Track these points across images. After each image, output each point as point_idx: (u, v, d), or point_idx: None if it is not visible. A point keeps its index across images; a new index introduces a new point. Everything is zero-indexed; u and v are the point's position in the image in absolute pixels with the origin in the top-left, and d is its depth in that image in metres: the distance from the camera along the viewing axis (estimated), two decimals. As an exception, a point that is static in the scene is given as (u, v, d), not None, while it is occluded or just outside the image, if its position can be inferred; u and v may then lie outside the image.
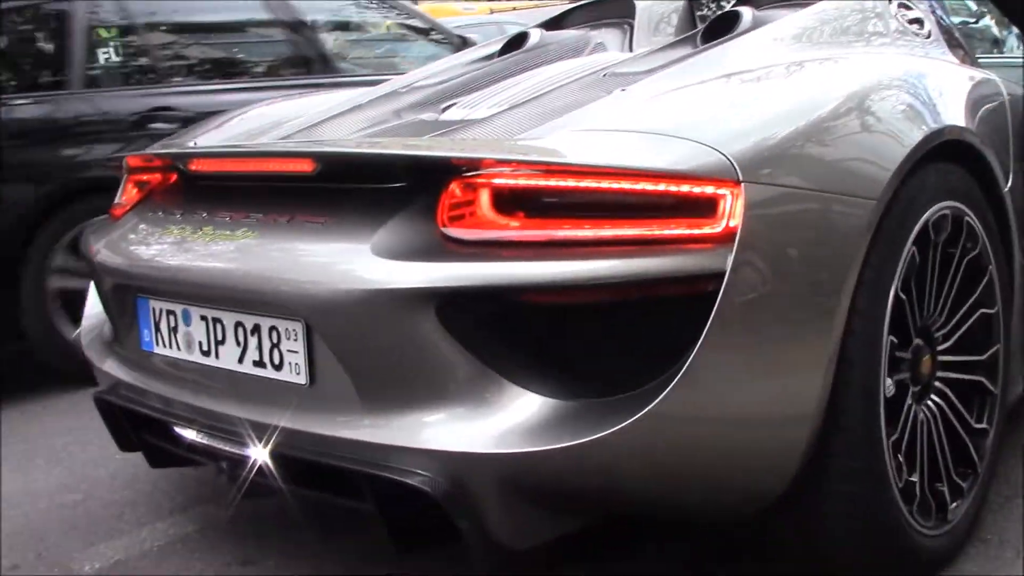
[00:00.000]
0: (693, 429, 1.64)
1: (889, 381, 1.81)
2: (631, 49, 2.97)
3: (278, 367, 1.85)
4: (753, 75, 2.03)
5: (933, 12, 2.67)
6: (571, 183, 1.65)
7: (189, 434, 2.05)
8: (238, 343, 1.92)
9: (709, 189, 1.60)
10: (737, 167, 1.61)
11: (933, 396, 2.02)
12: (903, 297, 1.85)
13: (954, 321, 2.05)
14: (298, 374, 1.82)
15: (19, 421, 3.62)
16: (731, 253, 1.57)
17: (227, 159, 2.18)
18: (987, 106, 2.24)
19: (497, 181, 1.69)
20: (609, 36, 3.10)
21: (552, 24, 3.33)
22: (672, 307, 1.62)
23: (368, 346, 1.72)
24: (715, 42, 2.42)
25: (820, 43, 2.37)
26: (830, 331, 1.69)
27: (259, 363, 1.88)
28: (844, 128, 1.82)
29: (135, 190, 2.38)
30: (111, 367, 2.27)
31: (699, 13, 3.21)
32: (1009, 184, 2.19)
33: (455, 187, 1.72)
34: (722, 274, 1.57)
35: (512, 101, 2.36)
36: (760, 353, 1.66)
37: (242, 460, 1.92)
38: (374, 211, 1.79)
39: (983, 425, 2.11)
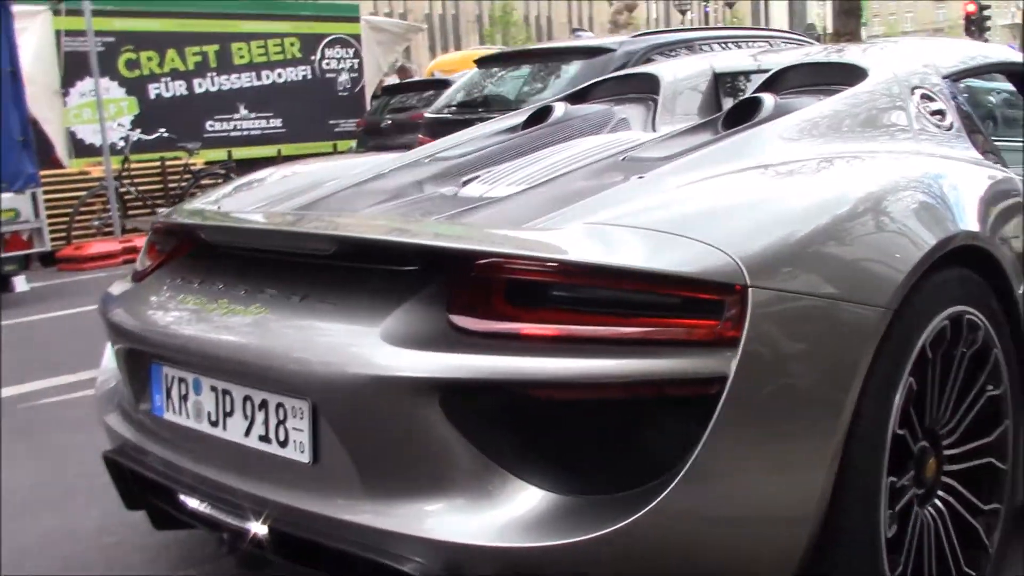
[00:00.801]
0: (695, 528, 1.61)
1: (893, 480, 1.78)
2: (654, 127, 2.96)
3: (283, 444, 1.84)
4: (768, 172, 2.02)
5: (955, 103, 2.64)
6: (579, 280, 1.65)
7: (192, 501, 2.04)
8: (246, 416, 1.91)
9: (715, 292, 1.59)
10: (744, 270, 1.59)
11: (940, 493, 1.97)
12: (908, 400, 1.81)
13: (960, 413, 2.00)
14: (302, 452, 1.80)
15: (59, 459, 3.61)
16: (735, 357, 1.56)
17: (244, 233, 2.19)
18: (1004, 207, 2.19)
19: (506, 274, 1.68)
20: (633, 112, 3.08)
21: (577, 97, 3.32)
22: (676, 406, 1.60)
23: (372, 431, 1.71)
24: (734, 130, 2.41)
25: (840, 136, 2.34)
26: (833, 435, 1.66)
27: (265, 438, 1.87)
28: (856, 232, 1.80)
29: (156, 254, 2.39)
30: (121, 427, 2.26)
31: (726, 90, 3.19)
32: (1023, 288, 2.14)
33: (465, 277, 1.71)
34: (726, 377, 1.55)
35: (531, 181, 2.36)
36: (762, 455, 1.63)
37: (242, 532, 1.90)
38: (385, 295, 1.78)
39: (994, 505, 2.05)
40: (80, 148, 10.90)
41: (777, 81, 2.83)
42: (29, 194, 7.80)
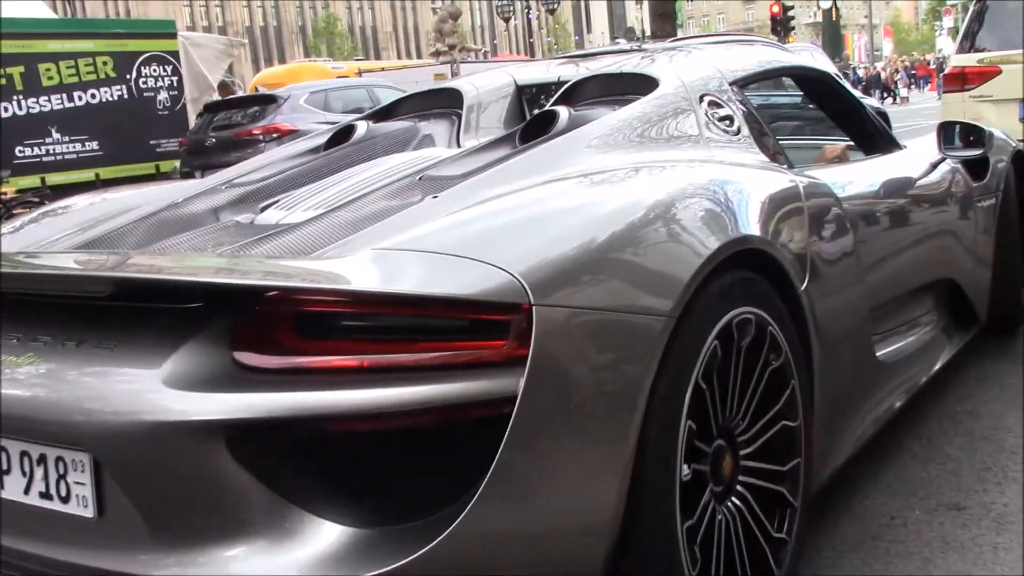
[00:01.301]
0: (495, 549, 1.59)
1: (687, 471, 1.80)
2: (458, 142, 2.92)
3: (65, 499, 1.71)
4: (555, 187, 2.02)
5: (743, 108, 2.72)
6: (365, 309, 1.61)
7: None
8: (24, 473, 1.76)
9: (500, 312, 1.57)
10: (528, 289, 1.58)
11: (735, 499, 2.00)
12: (697, 411, 1.83)
13: (756, 428, 2.05)
14: (86, 507, 1.68)
15: None
16: (523, 375, 1.54)
17: (12, 278, 1.98)
18: (784, 210, 2.25)
19: (290, 307, 1.61)
20: (438, 128, 3.04)
21: (381, 115, 3.27)
22: (470, 429, 1.57)
23: (157, 479, 1.61)
24: (528, 145, 2.41)
25: (629, 146, 2.39)
26: (625, 444, 1.67)
27: (45, 495, 1.74)
28: (637, 243, 1.81)
29: None
30: None
31: (530, 102, 3.18)
32: (805, 284, 2.21)
33: (249, 312, 1.63)
34: (514, 396, 1.54)
35: (328, 204, 2.30)
36: (555, 470, 1.62)
37: None
38: (167, 335, 1.69)
39: (782, 535, 2.09)
40: None
41: (573, 93, 2.85)
42: None
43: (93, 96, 12.32)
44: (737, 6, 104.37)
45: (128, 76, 12.69)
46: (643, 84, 2.69)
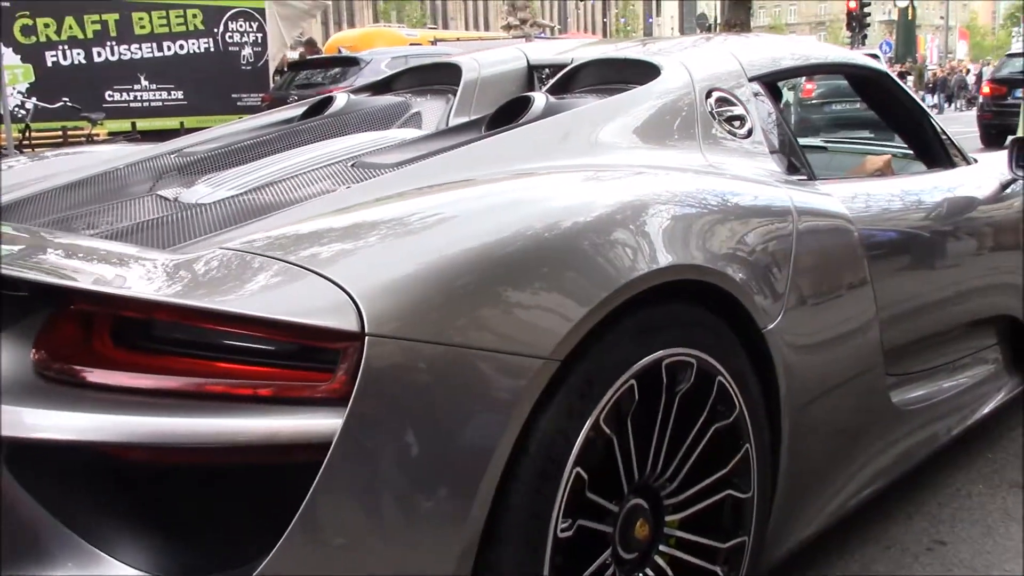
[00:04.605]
0: None
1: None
2: (448, 123, 2.47)
3: None
4: (459, 193, 1.61)
5: (762, 108, 2.25)
6: (175, 320, 1.26)
7: None
8: None
9: (329, 340, 1.21)
10: (364, 314, 1.21)
11: (663, 548, 1.61)
12: (595, 463, 1.44)
13: (691, 492, 1.64)
14: None
15: None
16: (343, 416, 1.19)
17: None
18: (761, 232, 1.80)
19: (97, 311, 1.27)
20: (430, 105, 2.59)
21: (379, 88, 2.84)
22: (282, 472, 1.23)
23: None
24: (488, 133, 2.01)
25: (597, 145, 1.96)
26: (471, 508, 1.28)
27: None
28: (526, 269, 1.39)
29: None
30: None
31: (542, 83, 2.72)
32: (776, 323, 1.75)
33: (58, 312, 1.29)
34: (330, 440, 1.18)
35: (253, 184, 1.94)
36: (372, 549, 1.25)
37: None
38: None
39: (739, 539, 1.68)
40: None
41: (572, 78, 2.43)
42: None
43: (181, 47, 12.08)
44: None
45: (216, 30, 12.42)
46: (644, 72, 2.26)
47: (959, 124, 14.91)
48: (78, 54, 11.10)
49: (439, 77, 2.73)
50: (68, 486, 1.27)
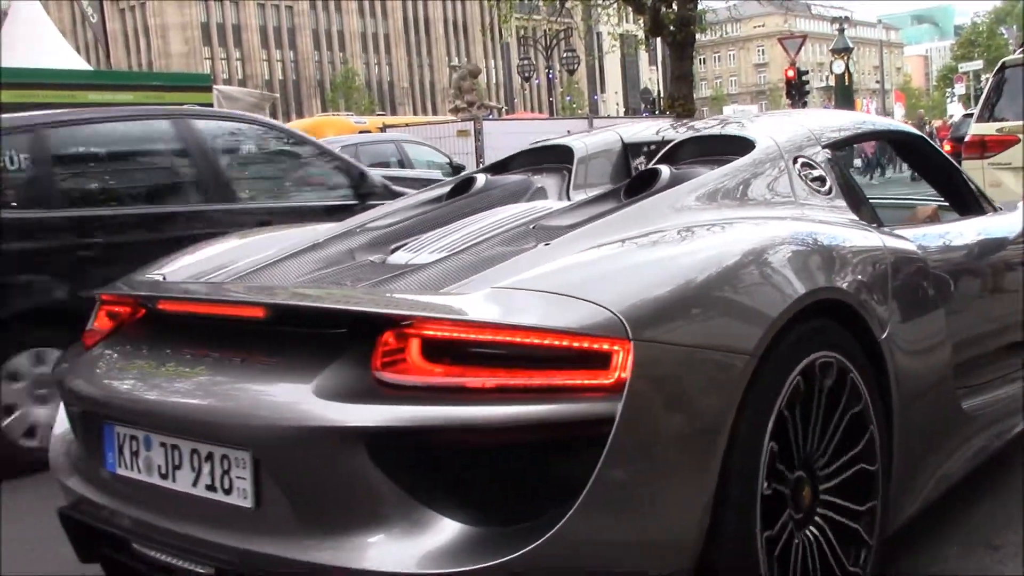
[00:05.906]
0: (587, 553, 1.68)
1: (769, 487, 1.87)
2: (568, 195, 2.92)
3: (228, 491, 1.84)
4: (657, 237, 2.09)
5: (835, 169, 2.70)
6: (486, 337, 1.73)
7: (146, 551, 2.00)
8: (193, 468, 1.90)
9: (603, 346, 1.69)
10: (628, 326, 1.69)
11: (813, 529, 2.04)
12: (779, 440, 1.91)
13: (835, 466, 2.08)
14: (245, 498, 1.82)
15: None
16: (621, 401, 1.66)
17: (189, 303, 2.19)
18: (866, 264, 2.26)
19: (423, 333, 1.75)
20: (549, 181, 3.05)
21: (497, 168, 3.29)
22: (571, 446, 1.69)
23: (307, 476, 1.75)
24: (632, 199, 2.45)
25: (726, 203, 2.39)
26: (710, 467, 1.76)
27: (211, 487, 1.87)
28: (725, 290, 1.90)
29: (107, 321, 2.36)
30: (76, 484, 2.21)
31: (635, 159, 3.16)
32: (886, 334, 2.21)
33: (387, 337, 1.77)
34: (612, 419, 1.65)
35: (452, 248, 2.42)
36: (646, 487, 1.72)
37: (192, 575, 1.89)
38: (317, 355, 1.83)
39: (856, 570, 2.10)
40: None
41: (675, 153, 2.86)
42: None
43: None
44: (749, 70, 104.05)
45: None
46: (740, 145, 2.68)
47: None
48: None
49: (551, 157, 3.17)
50: (408, 463, 1.71)
